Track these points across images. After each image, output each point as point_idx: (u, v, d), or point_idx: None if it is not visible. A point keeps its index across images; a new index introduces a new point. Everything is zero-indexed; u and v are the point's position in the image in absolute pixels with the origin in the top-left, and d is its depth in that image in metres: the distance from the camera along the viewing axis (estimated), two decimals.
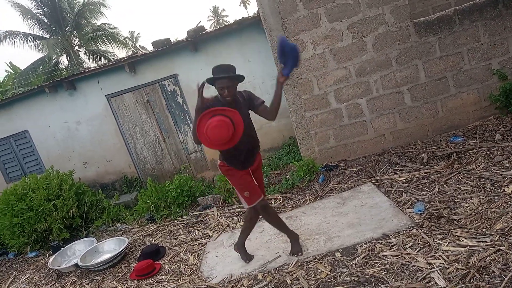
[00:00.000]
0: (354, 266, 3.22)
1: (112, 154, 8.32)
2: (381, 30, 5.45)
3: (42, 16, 22.32)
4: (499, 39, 5.37)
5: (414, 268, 2.95)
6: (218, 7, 63.35)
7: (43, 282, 5.10)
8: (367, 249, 3.40)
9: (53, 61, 22.11)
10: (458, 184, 4.11)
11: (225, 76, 3.22)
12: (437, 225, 3.43)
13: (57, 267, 5.16)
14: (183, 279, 4.01)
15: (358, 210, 4.24)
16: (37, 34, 22.48)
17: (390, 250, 3.28)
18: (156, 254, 4.72)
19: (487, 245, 2.93)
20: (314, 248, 3.73)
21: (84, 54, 24.16)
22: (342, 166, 5.73)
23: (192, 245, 4.82)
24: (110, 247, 5.29)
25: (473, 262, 2.79)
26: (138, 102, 7.99)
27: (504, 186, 3.74)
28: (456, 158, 4.73)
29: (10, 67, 21.24)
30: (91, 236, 6.10)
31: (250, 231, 3.94)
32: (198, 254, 4.50)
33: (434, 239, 3.22)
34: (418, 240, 3.29)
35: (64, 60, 23.75)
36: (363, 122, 5.77)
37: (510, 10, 5.27)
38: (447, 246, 3.08)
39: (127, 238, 5.41)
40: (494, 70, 5.43)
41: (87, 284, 4.60)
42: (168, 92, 7.87)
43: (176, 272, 4.21)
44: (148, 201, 6.21)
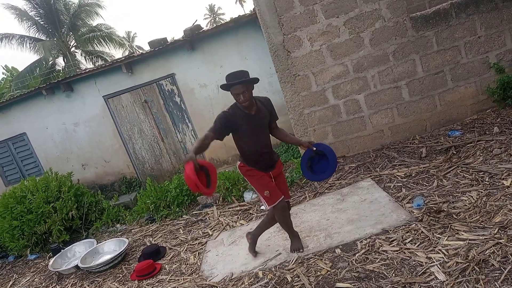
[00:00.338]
0: (354, 262, 3.22)
1: (111, 155, 8.31)
2: (377, 25, 5.43)
3: (38, 18, 22.25)
4: (496, 32, 5.36)
5: (414, 262, 2.95)
6: (214, 5, 63.14)
7: (43, 285, 5.09)
8: (367, 244, 3.40)
9: (49, 63, 22.06)
10: (457, 178, 4.11)
11: (238, 81, 3.20)
12: (436, 219, 3.43)
13: (57, 269, 5.15)
14: (183, 279, 4.00)
15: (358, 206, 4.24)
16: (33, 36, 22.42)
17: (390, 245, 3.28)
18: (156, 254, 4.71)
19: (486, 238, 2.93)
20: (314, 245, 3.73)
21: (81, 55, 24.10)
22: (341, 162, 5.72)
23: (192, 244, 4.81)
24: (110, 248, 5.28)
25: (472, 255, 2.78)
26: (136, 102, 7.98)
27: (503, 179, 3.74)
28: (455, 152, 4.73)
29: (5, 70, 21.19)
30: (91, 238, 6.09)
31: (266, 229, 3.91)
32: (198, 253, 4.49)
33: (433, 234, 3.22)
34: (418, 235, 3.29)
35: (60, 61, 23.71)
36: (361, 118, 5.77)
37: (507, 3, 5.26)
38: (446, 240, 3.08)
39: (127, 238, 5.40)
40: (491, 63, 5.43)
41: (88, 286, 4.59)
42: (165, 91, 7.86)
43: (177, 272, 4.21)
44: (147, 201, 6.20)
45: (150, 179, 6.80)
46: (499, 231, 2.97)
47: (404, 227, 3.49)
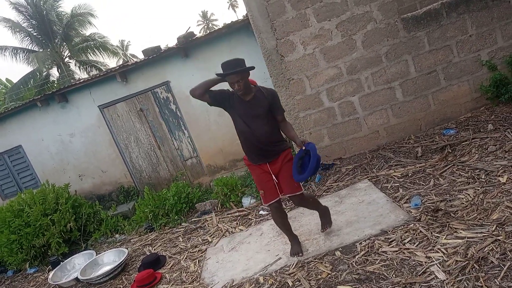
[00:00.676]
0: (354, 264, 3.22)
1: (108, 165, 8.29)
2: (369, 27, 5.47)
3: (31, 29, 22.24)
4: (487, 30, 5.41)
5: (413, 262, 2.96)
6: (207, 11, 63.39)
7: None
8: (366, 246, 3.41)
9: (43, 74, 22.02)
10: (453, 176, 4.13)
11: (232, 72, 3.28)
12: (434, 218, 3.44)
13: (57, 282, 5.12)
14: (184, 287, 3.99)
15: (356, 207, 4.25)
16: (26, 47, 22.39)
17: (389, 246, 3.29)
18: (156, 263, 4.70)
19: (485, 235, 2.95)
20: (314, 248, 3.73)
21: (75, 65, 24.08)
22: (337, 165, 5.74)
23: (192, 252, 4.80)
24: (109, 259, 5.26)
25: (471, 253, 2.80)
26: (131, 111, 7.97)
27: (499, 176, 3.77)
28: (450, 151, 4.76)
29: None
30: (90, 249, 6.06)
31: (284, 227, 3.78)
32: (198, 261, 4.48)
33: (432, 233, 3.23)
34: (416, 235, 3.30)
35: (55, 72, 23.67)
36: (357, 120, 5.79)
37: (496, 1, 5.31)
38: (445, 239, 3.09)
39: (127, 248, 5.38)
40: (483, 61, 5.47)
41: None
42: (160, 99, 7.86)
43: (178, 281, 4.20)
44: (145, 210, 6.19)
45: (148, 187, 6.79)
46: (497, 228, 2.99)
47: (402, 227, 3.50)
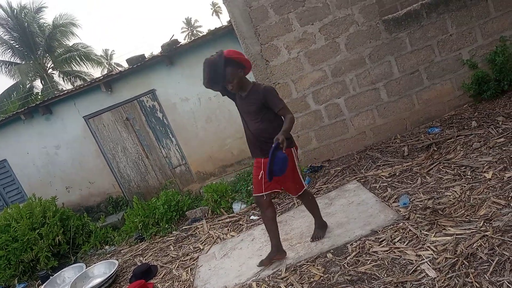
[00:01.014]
0: (346, 266, 3.23)
1: (95, 176, 8.20)
2: (352, 30, 5.53)
3: (13, 41, 21.99)
4: (467, 29, 5.51)
5: (404, 261, 2.99)
6: (191, 18, 63.41)
7: None
8: (357, 247, 3.42)
9: (27, 86, 21.75)
10: (440, 174, 4.19)
11: (218, 86, 3.49)
12: (423, 216, 3.48)
13: None
14: None
15: (346, 209, 4.27)
16: (8, 60, 22.11)
17: (379, 246, 3.31)
18: (147, 273, 4.65)
19: (473, 232, 2.99)
20: (305, 251, 3.74)
21: (59, 76, 23.85)
22: (326, 167, 5.77)
23: (184, 260, 4.77)
24: (100, 271, 5.19)
25: (460, 250, 2.83)
26: (118, 121, 7.92)
27: (484, 172, 3.83)
28: (436, 149, 4.82)
29: None
30: (79, 262, 5.98)
31: (274, 231, 3.69)
32: (190, 269, 4.45)
33: (421, 231, 3.26)
34: (406, 233, 3.33)
35: (38, 84, 23.41)
36: (343, 121, 5.84)
37: (475, 0, 5.42)
38: (434, 236, 3.12)
39: (117, 260, 5.32)
40: (465, 59, 5.57)
41: None
42: (147, 108, 7.82)
43: None
44: (135, 220, 6.13)
45: (137, 197, 6.73)
46: (485, 223, 3.03)
47: (392, 226, 3.53)
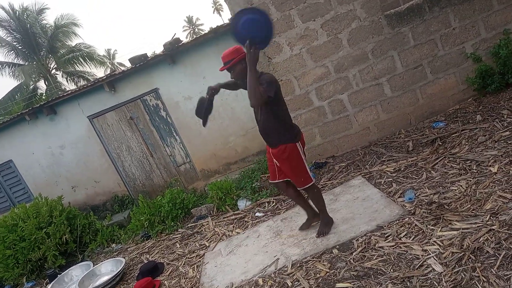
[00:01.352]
0: (352, 261, 3.24)
1: (100, 175, 8.24)
2: (354, 25, 5.52)
3: (16, 43, 22.07)
4: (470, 22, 5.48)
5: (410, 256, 2.99)
6: (192, 16, 63.26)
7: None
8: (363, 242, 3.43)
9: (31, 87, 21.84)
10: (445, 168, 4.18)
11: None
12: (428, 211, 3.48)
13: None
14: None
15: (351, 204, 4.28)
16: (11, 61, 22.20)
17: (385, 241, 3.31)
18: (154, 271, 4.68)
19: (479, 226, 2.99)
20: (311, 248, 3.75)
21: (62, 76, 23.92)
22: (331, 163, 5.77)
23: (190, 257, 4.79)
24: (107, 269, 5.23)
25: (467, 244, 2.83)
26: (121, 120, 7.94)
27: (490, 166, 3.82)
28: (441, 143, 4.81)
29: None
30: (87, 260, 6.02)
31: (303, 204, 4.06)
32: (197, 266, 4.48)
33: (427, 226, 3.27)
34: (412, 228, 3.33)
35: (42, 85, 23.49)
36: (347, 117, 5.83)
37: None
38: (440, 231, 3.12)
39: (124, 258, 5.35)
40: (468, 53, 5.54)
41: None
42: (150, 107, 7.84)
43: (177, 287, 4.19)
44: (141, 218, 6.16)
45: (142, 195, 6.76)
46: (491, 218, 3.03)
47: (397, 221, 3.53)
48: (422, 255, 2.93)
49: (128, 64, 8.13)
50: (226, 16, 56.42)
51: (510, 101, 5.06)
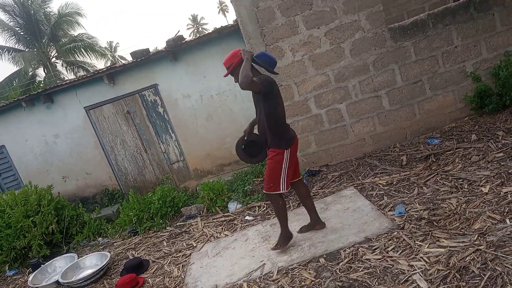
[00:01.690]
0: (338, 271, 3.23)
1: (93, 167, 8.19)
2: (357, 36, 5.53)
3: (18, 28, 21.95)
4: (472, 41, 5.51)
5: (396, 270, 2.98)
6: (197, 15, 63.36)
7: None
8: (351, 253, 3.42)
9: (29, 74, 21.72)
10: (437, 185, 4.18)
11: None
12: (417, 227, 3.48)
13: (37, 285, 5.02)
14: None
15: (341, 214, 4.27)
16: (12, 46, 22.07)
17: (372, 253, 3.31)
18: (139, 267, 4.64)
19: (466, 245, 2.98)
20: (298, 255, 3.73)
21: (62, 65, 23.81)
22: (324, 171, 5.77)
23: (176, 256, 4.76)
24: (91, 263, 5.19)
25: (453, 262, 2.83)
26: (118, 113, 7.91)
27: (481, 186, 3.83)
28: (434, 160, 4.82)
29: None
30: (72, 252, 5.96)
31: (281, 218, 4.00)
32: (182, 266, 4.44)
33: (415, 241, 3.26)
34: (400, 243, 3.33)
35: (41, 72, 23.37)
36: (344, 127, 5.83)
37: (481, 13, 5.42)
38: (427, 247, 3.12)
39: (109, 252, 5.31)
40: (468, 72, 5.57)
41: None
42: (148, 102, 7.81)
43: (160, 285, 4.15)
44: (130, 213, 6.12)
45: (133, 190, 6.72)
46: (479, 237, 3.03)
47: (386, 235, 3.53)
48: (408, 270, 2.93)
49: (129, 58, 8.11)
50: (231, 18, 56.53)
51: (506, 122, 5.08)
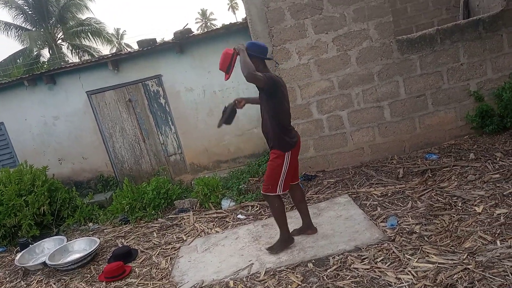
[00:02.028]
0: (325, 278, 3.23)
1: (90, 152, 8.17)
2: (365, 44, 5.53)
3: (26, 7, 21.90)
4: (478, 60, 5.52)
5: (383, 282, 2.99)
6: (207, 10, 63.28)
7: (7, 280, 4.95)
8: (339, 261, 3.43)
9: (34, 53, 21.67)
10: (431, 200, 4.19)
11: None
12: (408, 240, 3.49)
13: (24, 265, 5.02)
14: (153, 283, 3.95)
15: (333, 221, 4.28)
16: (19, 25, 22.02)
17: (361, 263, 3.31)
18: (127, 256, 4.64)
19: (455, 263, 2.99)
20: (287, 258, 3.73)
21: (67, 48, 23.78)
22: (320, 177, 5.77)
23: (165, 248, 4.76)
24: (80, 247, 5.18)
25: (440, 279, 2.83)
26: (120, 101, 7.89)
27: (475, 205, 3.83)
28: (430, 175, 4.83)
29: None
30: (61, 235, 5.96)
31: (279, 220, 3.99)
32: (170, 258, 4.44)
33: (404, 254, 3.27)
34: (389, 255, 3.34)
35: (45, 53, 23.33)
36: (343, 134, 5.84)
37: (490, 33, 5.43)
38: (416, 262, 3.12)
39: (99, 238, 5.30)
40: (472, 91, 5.58)
41: (54, 284, 4.48)
42: (151, 92, 7.80)
43: (147, 276, 4.15)
44: (123, 201, 6.11)
45: (128, 179, 6.70)
46: (468, 256, 3.04)
47: (376, 245, 3.53)
48: (395, 283, 2.93)
49: (136, 46, 8.09)
50: (240, 15, 56.50)
51: (505, 144, 5.09)
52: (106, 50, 29.99)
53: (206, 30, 7.98)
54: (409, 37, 5.54)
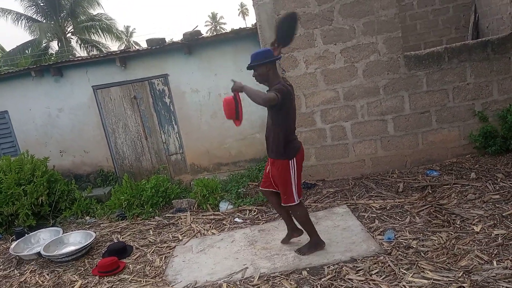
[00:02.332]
0: (319, 287, 3.22)
1: (91, 146, 8.18)
2: (372, 58, 5.56)
3: None
4: (484, 81, 5.53)
5: None
6: (217, 13, 63.65)
7: (1, 268, 4.94)
8: (334, 271, 3.42)
9: (43, 45, 21.78)
10: (429, 217, 4.19)
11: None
12: (404, 254, 3.48)
13: (18, 253, 5.02)
14: (146, 281, 3.94)
15: (330, 231, 4.27)
16: (30, 16, 22.16)
17: (356, 274, 3.31)
18: (122, 252, 4.63)
19: (450, 280, 2.98)
20: (282, 264, 3.73)
21: (76, 42, 23.90)
22: (320, 186, 5.77)
23: (161, 247, 4.76)
24: (75, 240, 5.18)
25: None
26: (125, 97, 7.92)
27: (473, 224, 3.83)
28: (430, 191, 4.83)
29: None
30: (57, 226, 5.96)
31: (285, 216, 4.04)
32: (165, 257, 4.44)
33: (400, 268, 3.26)
34: (385, 268, 3.33)
35: (54, 45, 23.44)
36: (345, 145, 5.85)
37: (498, 55, 5.45)
38: (411, 277, 3.12)
39: (95, 232, 5.30)
40: (476, 111, 5.59)
41: (47, 275, 4.48)
42: (156, 91, 7.83)
43: (140, 273, 4.15)
44: (121, 197, 6.12)
45: (128, 175, 6.72)
46: (464, 275, 3.03)
47: (372, 258, 3.53)
48: None
49: (144, 45, 8.13)
50: (250, 21, 56.77)
51: (507, 166, 5.10)
52: (114, 46, 30.18)
53: (216, 34, 8.01)
54: (417, 53, 5.56)
